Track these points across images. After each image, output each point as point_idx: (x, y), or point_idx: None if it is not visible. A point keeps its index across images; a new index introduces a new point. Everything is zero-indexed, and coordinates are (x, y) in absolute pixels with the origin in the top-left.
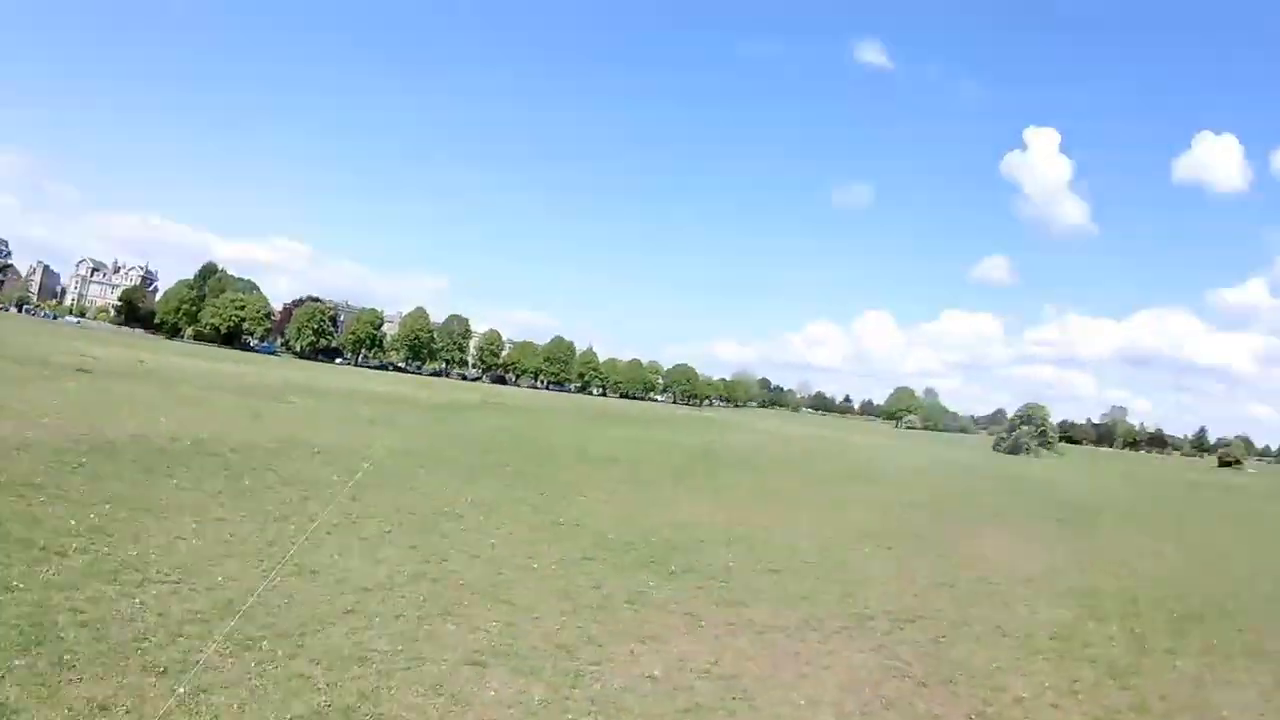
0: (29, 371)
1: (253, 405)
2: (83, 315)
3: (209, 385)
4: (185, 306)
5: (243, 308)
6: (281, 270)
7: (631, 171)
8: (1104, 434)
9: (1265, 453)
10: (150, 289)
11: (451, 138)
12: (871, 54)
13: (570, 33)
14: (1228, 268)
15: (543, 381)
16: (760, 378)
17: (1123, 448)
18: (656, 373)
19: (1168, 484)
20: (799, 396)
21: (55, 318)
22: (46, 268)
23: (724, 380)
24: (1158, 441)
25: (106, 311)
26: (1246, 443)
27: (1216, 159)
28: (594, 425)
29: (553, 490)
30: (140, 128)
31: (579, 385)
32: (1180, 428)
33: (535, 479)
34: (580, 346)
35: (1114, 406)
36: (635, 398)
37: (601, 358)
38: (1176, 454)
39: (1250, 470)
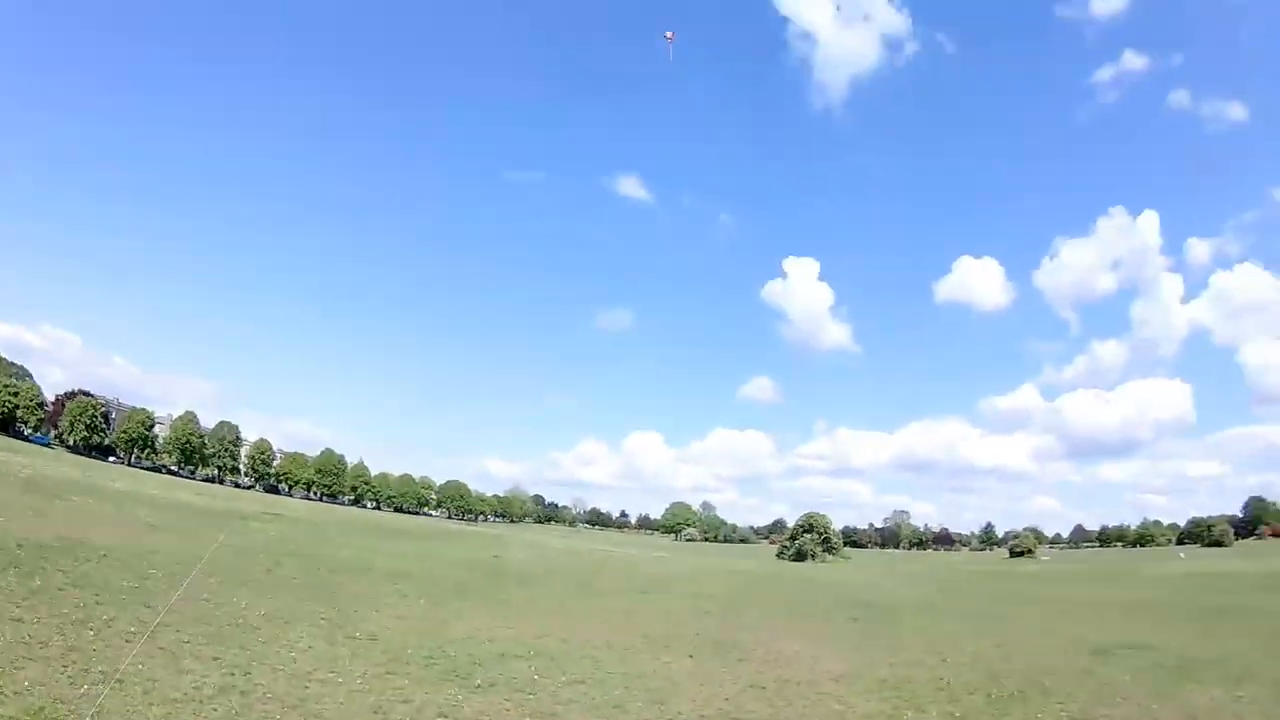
0: None
1: (34, 501)
2: None
3: None
4: None
5: (16, 394)
6: (52, 359)
7: (398, 290)
8: (888, 537)
9: (1056, 540)
10: None
11: (216, 244)
12: (630, 187)
13: (343, 152)
14: (998, 378)
15: (316, 493)
16: (534, 494)
17: (909, 548)
18: (429, 488)
19: (960, 577)
20: (574, 512)
21: None
22: None
23: (497, 496)
24: (944, 540)
25: None
26: (1036, 533)
27: (977, 280)
28: (375, 539)
29: (345, 603)
30: None
31: (352, 498)
32: (965, 526)
33: (326, 592)
34: (351, 459)
35: (895, 511)
36: (409, 512)
37: (373, 471)
38: (965, 549)
39: (1044, 558)
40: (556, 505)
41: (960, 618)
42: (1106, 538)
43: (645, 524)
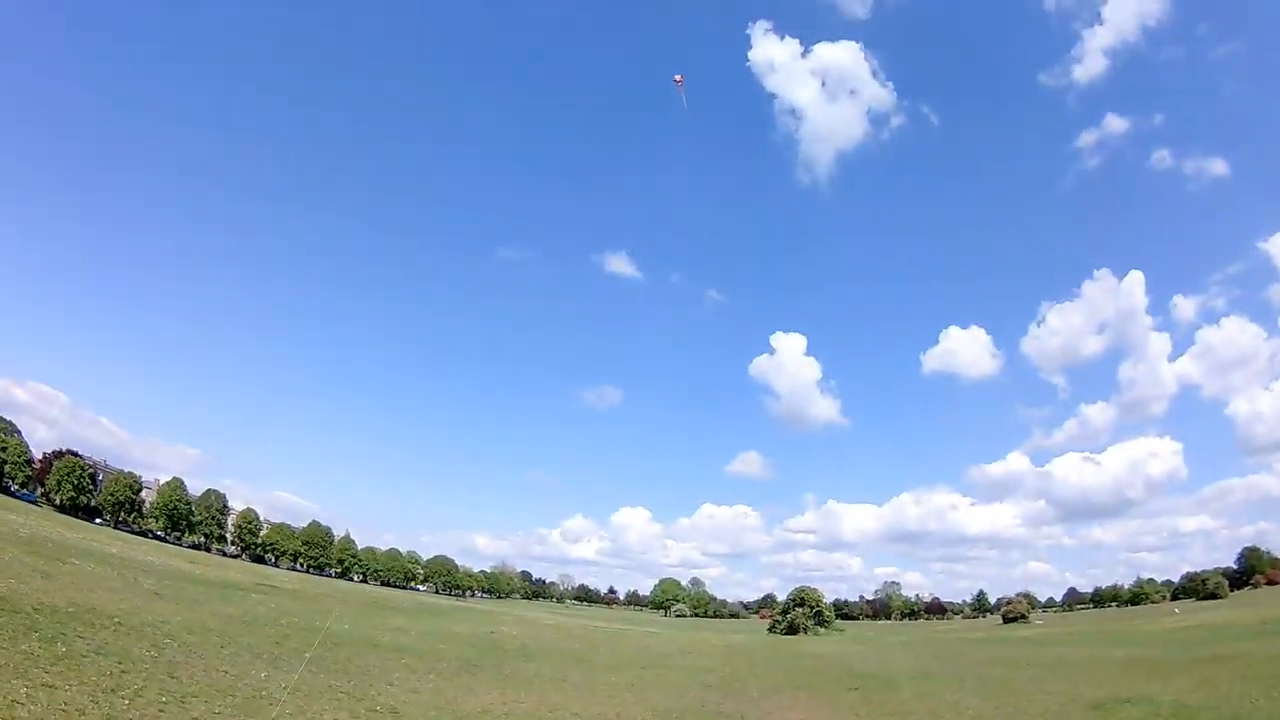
0: None
1: (37, 563)
2: None
3: None
4: None
5: (4, 449)
6: (39, 416)
7: (387, 364)
8: (879, 608)
9: (1049, 604)
10: None
11: (205, 312)
12: (619, 264)
13: (332, 227)
14: (987, 445)
15: (302, 564)
16: (521, 570)
17: (900, 619)
18: (415, 563)
19: (953, 644)
20: (562, 589)
21: None
22: None
23: (484, 572)
24: (936, 609)
25: None
26: (1029, 598)
27: (965, 349)
28: (371, 613)
29: (358, 678)
30: None
31: (339, 571)
32: (957, 594)
33: (337, 666)
34: (337, 531)
35: (886, 582)
36: (396, 585)
37: (359, 543)
38: (957, 618)
39: (1038, 622)
40: (544, 581)
41: (958, 683)
42: (1100, 598)
43: (634, 600)
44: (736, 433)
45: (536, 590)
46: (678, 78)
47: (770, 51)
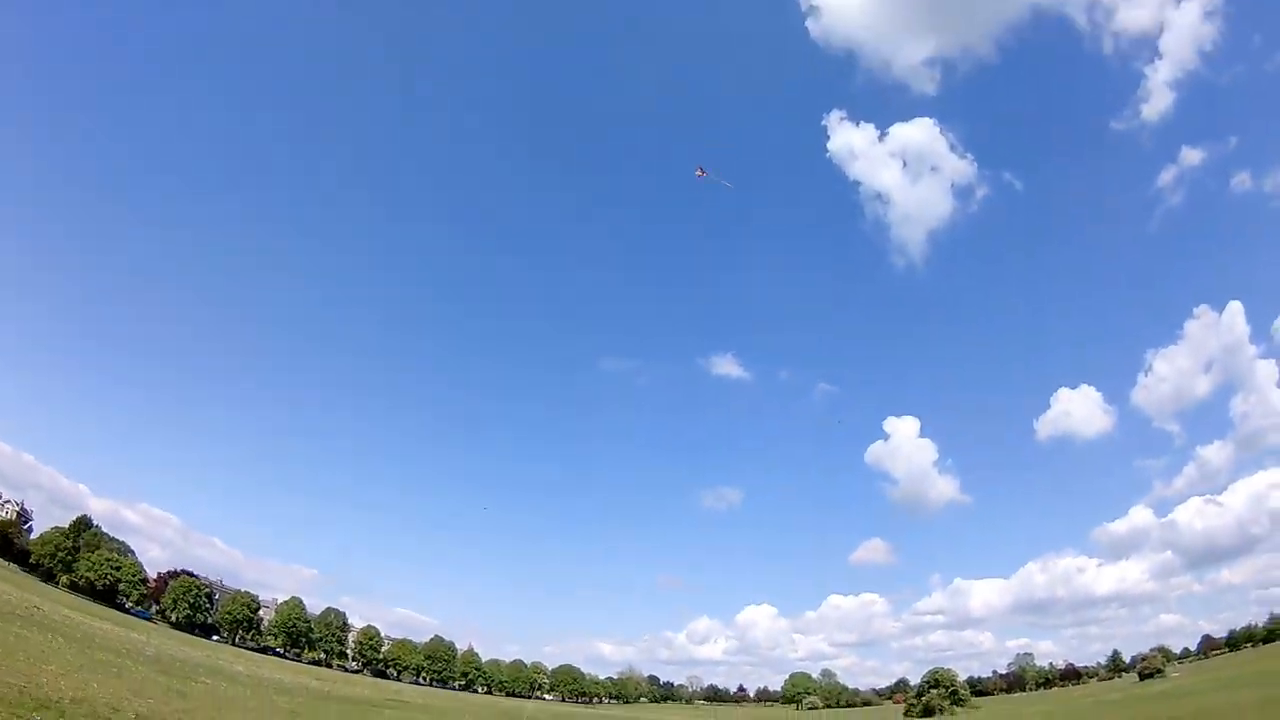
0: None
1: (170, 682)
2: None
3: (118, 651)
4: (61, 554)
5: (119, 568)
6: (151, 537)
7: (504, 478)
8: (1014, 681)
9: (1185, 655)
10: (26, 526)
11: (318, 438)
12: (726, 366)
13: (442, 336)
14: (1109, 503)
15: (425, 678)
16: (648, 674)
17: (1036, 689)
18: (540, 672)
19: (1091, 710)
20: (691, 690)
21: None
22: None
23: (611, 678)
24: (1071, 675)
25: None
26: (1165, 652)
27: (1078, 410)
28: None
29: None
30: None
31: (462, 684)
32: (1090, 657)
33: None
34: (460, 645)
35: (1018, 654)
36: (522, 695)
37: (483, 656)
38: (1093, 681)
39: (1174, 675)
40: (672, 684)
41: None
42: (1235, 641)
43: (764, 696)
44: (857, 521)
45: (665, 693)
46: (699, 171)
47: (848, 139)
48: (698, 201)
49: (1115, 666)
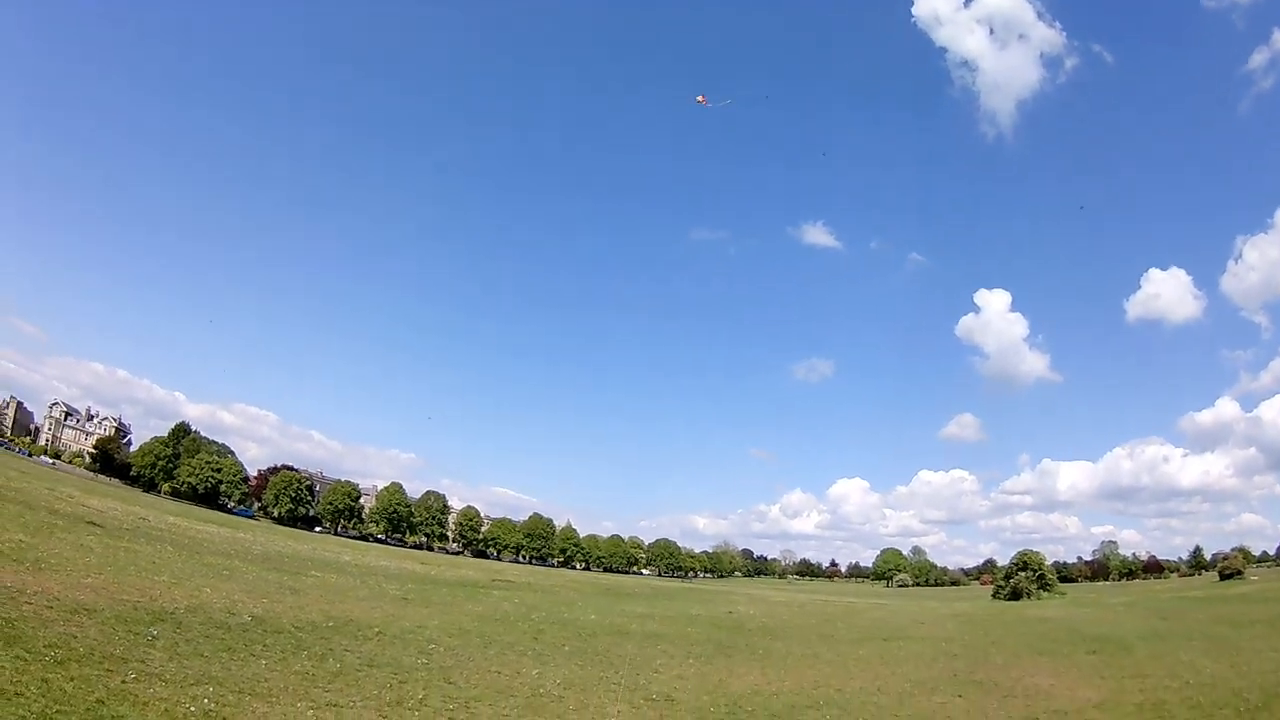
0: (40, 519)
1: (281, 579)
2: (57, 458)
3: (226, 553)
4: (161, 463)
5: (219, 470)
6: (248, 436)
7: (596, 359)
8: (1098, 569)
9: (1264, 558)
10: (125, 440)
11: (414, 323)
12: (817, 235)
13: (535, 218)
14: (1196, 392)
15: (525, 556)
16: (742, 549)
17: (1119, 579)
18: (637, 547)
19: (1175, 604)
20: (784, 564)
21: (29, 455)
22: (20, 404)
23: (706, 553)
24: (1154, 567)
25: (82, 458)
26: (1245, 553)
27: (1168, 292)
28: (608, 600)
29: (623, 667)
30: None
31: (561, 560)
32: (1173, 551)
33: (599, 657)
34: (558, 522)
35: (1103, 541)
36: (619, 571)
37: (580, 532)
38: (1174, 575)
39: (1253, 578)
40: (765, 558)
41: (1187, 643)
42: None
43: (856, 572)
44: (948, 396)
45: (758, 567)
46: (700, 98)
47: (933, 4)
48: (783, 70)
49: (1197, 563)
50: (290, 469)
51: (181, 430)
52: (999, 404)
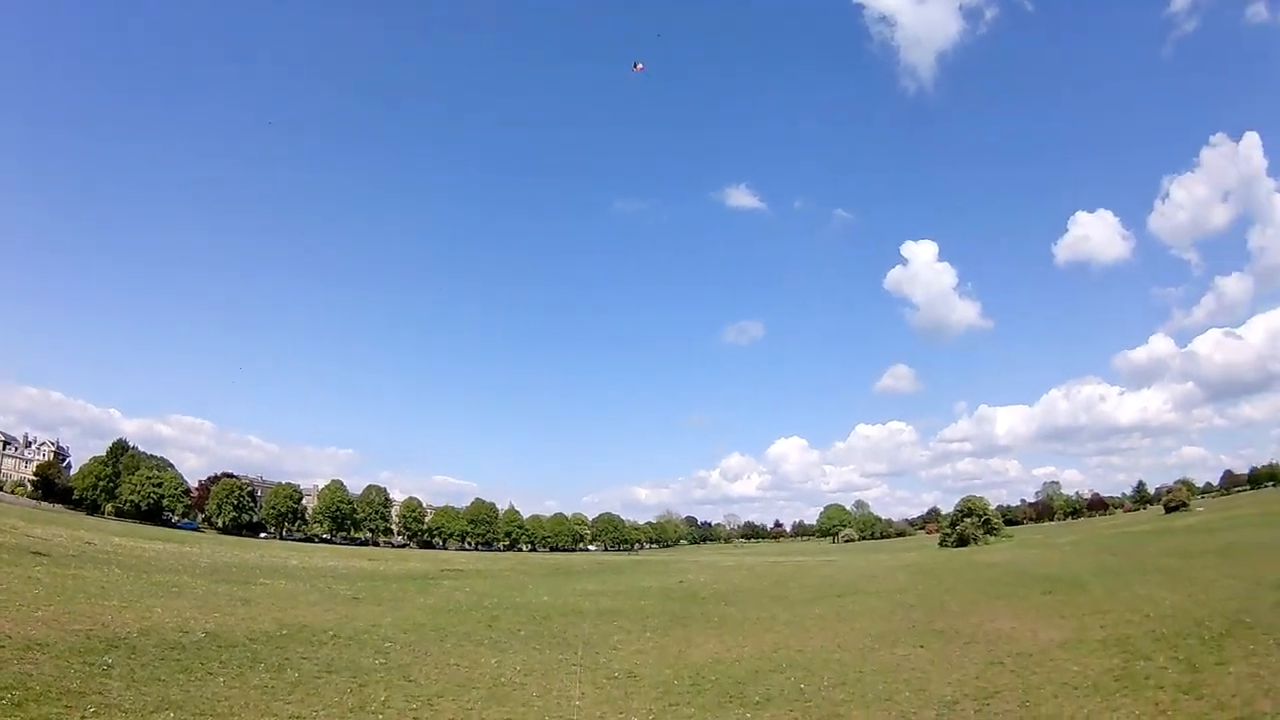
0: None
1: (231, 590)
2: None
3: (174, 569)
4: (102, 483)
5: (160, 485)
6: (186, 447)
7: (523, 335)
8: (1042, 510)
9: (1208, 489)
10: (64, 464)
11: (339, 315)
12: (740, 198)
13: (456, 198)
14: (1129, 331)
15: (470, 542)
16: (685, 516)
17: (1064, 518)
18: (582, 524)
19: (1124, 539)
20: (728, 529)
21: None
22: None
23: (650, 523)
24: (1098, 505)
25: (24, 486)
26: (1188, 485)
27: (1096, 234)
28: (559, 580)
29: (580, 647)
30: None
31: (507, 544)
32: (1116, 488)
33: (555, 639)
34: (500, 506)
35: (1045, 483)
36: (566, 549)
37: (524, 514)
38: (1119, 511)
39: (1199, 510)
40: (710, 524)
41: (1142, 577)
42: (1257, 478)
43: (801, 530)
44: (881, 349)
45: (703, 534)
46: (638, 65)
47: None
48: (698, 33)
49: (1141, 498)
50: (231, 476)
51: (119, 448)
52: (932, 354)
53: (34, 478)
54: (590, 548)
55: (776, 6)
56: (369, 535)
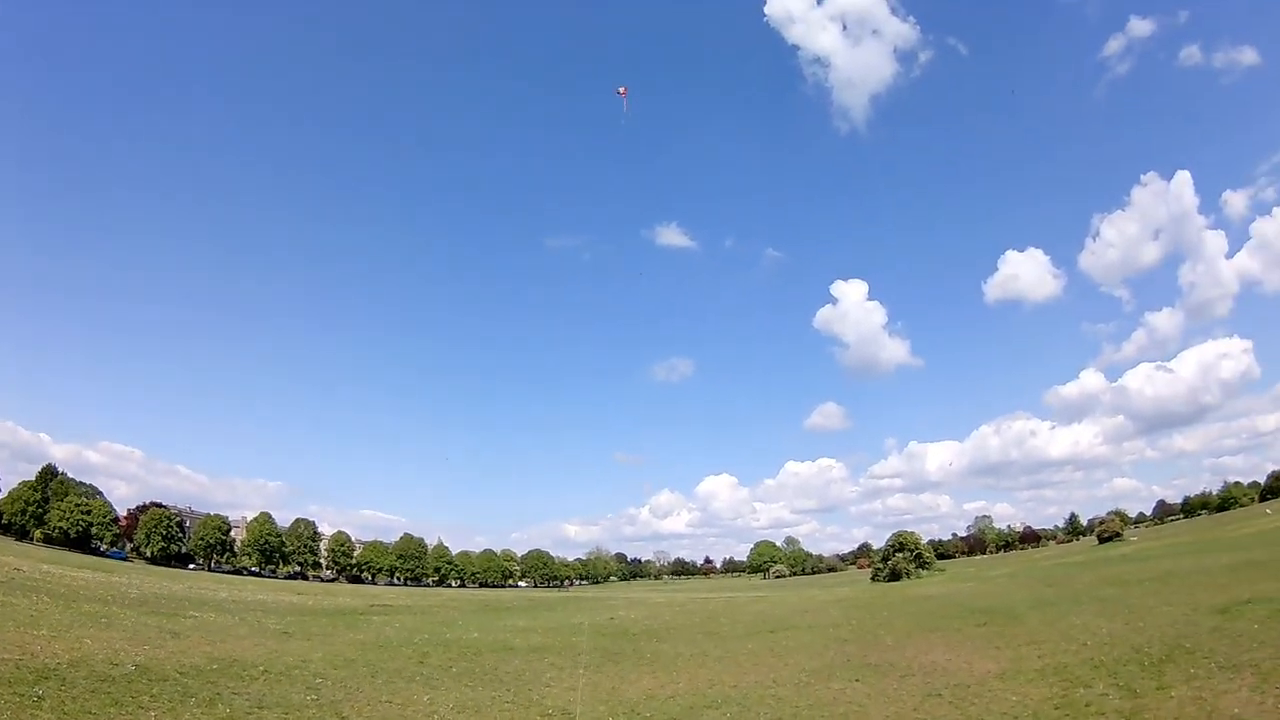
0: None
1: (160, 622)
2: None
3: (103, 599)
4: (31, 509)
5: (89, 512)
6: (115, 474)
7: (454, 367)
8: (974, 544)
9: (1141, 519)
10: None
11: (268, 347)
12: (671, 236)
13: (386, 231)
14: (1059, 367)
15: (399, 578)
16: (615, 553)
17: (996, 551)
18: (511, 560)
19: (1058, 570)
20: (659, 565)
21: None
22: None
23: (580, 560)
24: (1030, 538)
25: None
26: (1121, 515)
27: (1026, 273)
28: (490, 617)
29: (513, 684)
30: None
31: (436, 579)
32: (1047, 520)
33: (487, 676)
34: (429, 541)
35: (977, 517)
36: (495, 586)
37: (452, 549)
38: (1052, 543)
39: (1133, 539)
40: (640, 560)
41: (1078, 607)
42: (1190, 508)
43: (731, 567)
44: (810, 387)
45: (634, 570)
46: (621, 90)
47: (785, 3)
48: (633, 72)
49: (1074, 529)
50: (160, 506)
51: (49, 473)
52: (862, 391)
53: None
54: (520, 584)
55: (712, 46)
56: (298, 569)
